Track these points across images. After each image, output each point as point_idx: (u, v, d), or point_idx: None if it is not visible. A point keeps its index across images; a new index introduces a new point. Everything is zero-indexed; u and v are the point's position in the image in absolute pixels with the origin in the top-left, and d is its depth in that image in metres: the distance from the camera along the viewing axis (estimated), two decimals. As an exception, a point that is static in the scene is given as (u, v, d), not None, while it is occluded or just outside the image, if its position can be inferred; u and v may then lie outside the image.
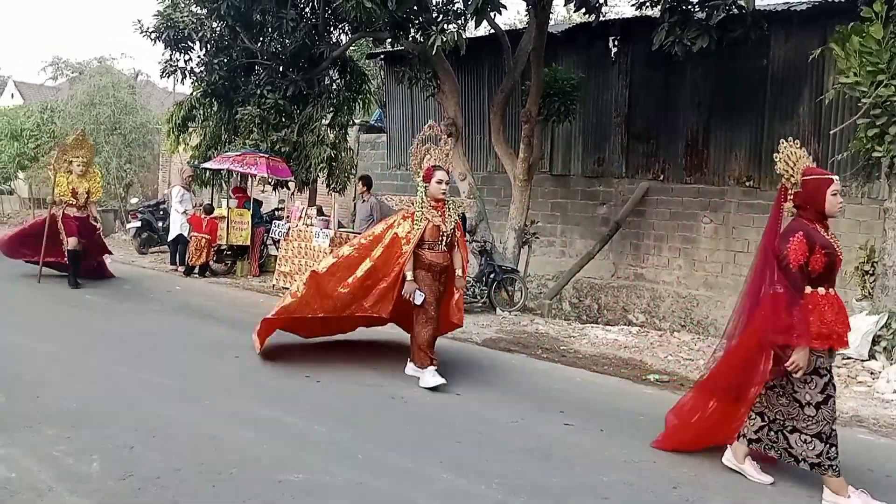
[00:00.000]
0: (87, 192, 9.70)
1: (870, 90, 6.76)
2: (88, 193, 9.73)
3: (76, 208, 9.62)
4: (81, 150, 9.82)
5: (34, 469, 3.66)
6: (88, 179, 9.78)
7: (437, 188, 5.72)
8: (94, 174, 10.05)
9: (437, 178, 5.72)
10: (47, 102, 21.25)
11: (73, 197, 9.56)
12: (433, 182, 5.73)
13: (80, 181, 9.63)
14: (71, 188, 9.55)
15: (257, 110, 11.57)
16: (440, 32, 8.60)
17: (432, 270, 5.66)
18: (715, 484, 4.01)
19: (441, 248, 5.69)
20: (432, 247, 5.66)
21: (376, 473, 3.86)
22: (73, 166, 9.61)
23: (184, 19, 11.84)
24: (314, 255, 9.82)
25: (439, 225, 5.66)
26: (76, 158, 9.65)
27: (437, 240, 5.67)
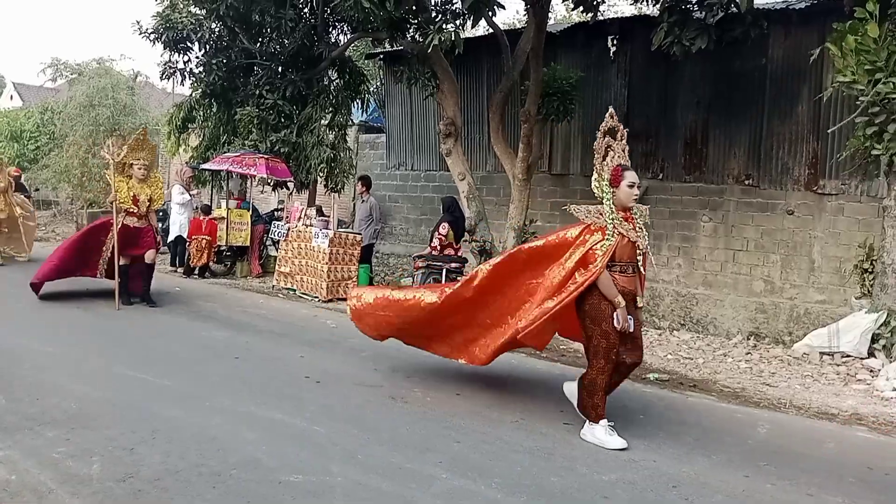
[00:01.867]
0: (148, 199, 8.69)
1: (867, 88, 6.77)
2: (150, 201, 8.74)
3: (136, 217, 8.63)
4: (143, 151, 8.79)
5: (34, 471, 3.66)
6: (150, 185, 8.78)
7: (627, 194, 4.62)
8: (156, 179, 9.03)
9: (629, 180, 4.63)
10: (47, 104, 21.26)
11: (135, 205, 8.56)
12: (623, 185, 4.62)
13: (141, 187, 8.62)
14: (132, 195, 8.54)
15: (256, 111, 11.57)
16: (438, 32, 8.60)
17: (626, 300, 4.58)
18: (714, 483, 4.02)
19: (632, 270, 4.70)
20: (624, 269, 4.64)
21: (377, 474, 3.87)
22: (134, 170, 8.59)
23: (182, 20, 11.84)
24: (314, 256, 9.83)
25: (635, 241, 4.66)
26: (137, 161, 8.62)
27: (631, 259, 4.68)
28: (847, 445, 4.90)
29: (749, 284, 10.13)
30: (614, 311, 4.50)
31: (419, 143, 14.15)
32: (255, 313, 8.69)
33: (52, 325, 7.39)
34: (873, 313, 7.18)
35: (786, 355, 7.48)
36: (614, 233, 4.55)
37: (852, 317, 7.43)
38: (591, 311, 4.59)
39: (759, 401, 5.90)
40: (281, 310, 9.10)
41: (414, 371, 6.19)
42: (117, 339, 6.89)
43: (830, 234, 9.43)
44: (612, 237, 4.54)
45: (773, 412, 5.64)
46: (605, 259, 4.51)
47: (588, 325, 4.62)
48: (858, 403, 5.91)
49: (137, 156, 8.66)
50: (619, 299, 4.50)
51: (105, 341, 6.77)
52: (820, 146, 9.49)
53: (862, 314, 7.32)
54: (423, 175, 14.11)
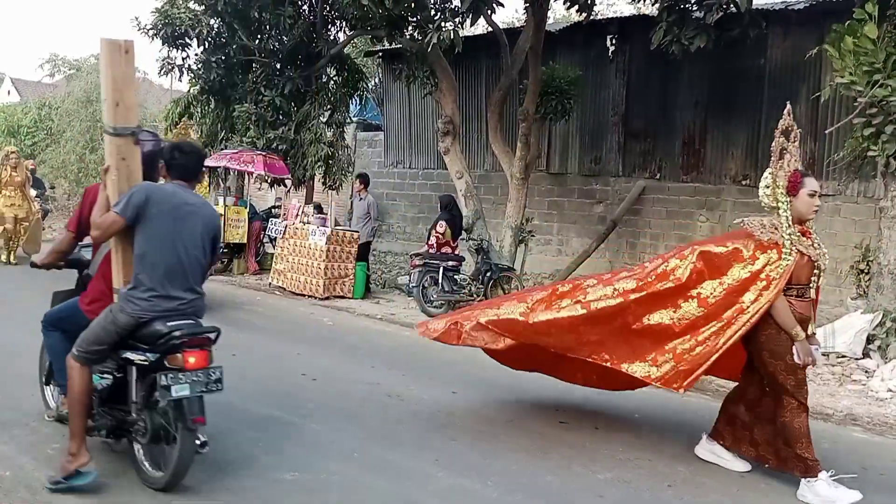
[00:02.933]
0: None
1: (865, 90, 6.78)
2: None
3: None
4: None
5: (29, 467, 3.66)
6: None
7: (808, 204, 3.91)
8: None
9: (809, 187, 3.90)
10: (44, 99, 21.23)
11: None
12: (803, 194, 3.90)
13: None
14: None
15: (254, 108, 11.55)
16: (437, 30, 8.59)
17: (802, 328, 3.90)
18: (709, 482, 4.03)
19: (809, 294, 4.01)
20: (801, 293, 3.95)
21: (373, 472, 3.87)
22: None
23: (181, 16, 11.81)
24: (310, 254, 9.82)
25: (816, 259, 3.96)
26: None
27: (808, 281, 3.98)
28: (842, 445, 4.92)
29: (746, 284, 10.14)
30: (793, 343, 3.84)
31: (417, 142, 14.15)
32: (251, 310, 8.69)
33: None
34: (869, 314, 7.20)
35: (782, 355, 7.48)
36: (792, 251, 3.84)
37: (848, 317, 7.44)
38: (768, 343, 3.90)
39: (754, 401, 5.91)
40: (278, 307, 9.10)
41: (410, 369, 6.19)
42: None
43: (827, 234, 9.43)
44: (789, 256, 3.83)
45: (769, 412, 5.64)
46: (783, 282, 3.83)
47: (767, 359, 3.92)
48: (853, 404, 5.92)
49: None
50: (798, 330, 3.82)
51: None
52: (817, 147, 9.51)
53: (857, 315, 7.34)
54: (420, 173, 14.10)
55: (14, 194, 11.01)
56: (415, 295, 9.14)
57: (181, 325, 3.42)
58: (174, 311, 3.45)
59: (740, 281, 3.92)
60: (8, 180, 10.91)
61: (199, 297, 3.61)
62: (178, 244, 3.47)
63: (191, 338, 3.42)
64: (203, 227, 3.60)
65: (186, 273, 3.52)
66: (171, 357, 3.38)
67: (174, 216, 3.48)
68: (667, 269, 4.16)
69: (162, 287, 3.43)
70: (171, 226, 3.46)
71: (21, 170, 11.20)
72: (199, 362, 3.42)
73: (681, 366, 4.04)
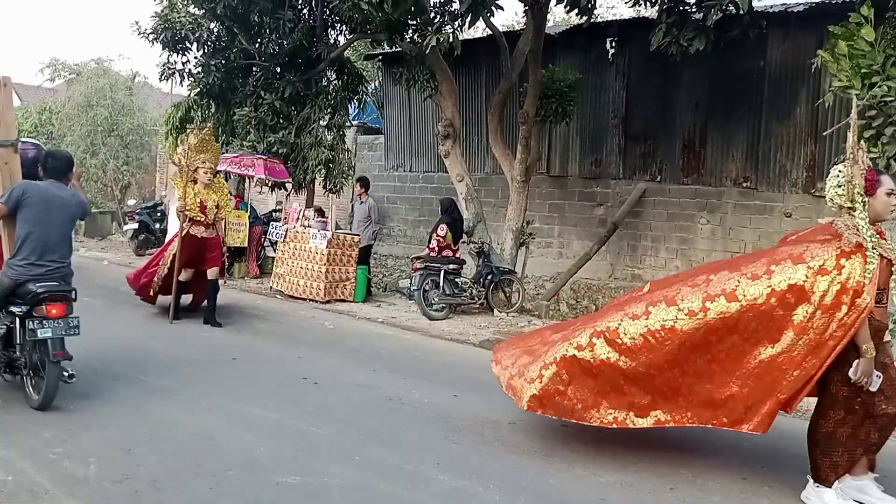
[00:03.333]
0: (216, 205, 7.77)
1: (863, 92, 6.78)
2: (218, 208, 7.82)
3: (203, 226, 7.71)
4: (206, 152, 7.84)
5: (31, 472, 3.65)
6: (216, 190, 7.86)
7: (885, 204, 3.66)
8: (221, 183, 8.17)
9: (886, 186, 3.65)
10: (45, 104, 21.23)
11: (202, 213, 7.65)
12: (881, 193, 3.65)
13: (207, 192, 7.72)
14: (199, 201, 7.63)
15: (254, 111, 11.56)
16: (436, 33, 8.61)
17: (878, 337, 3.64)
18: (711, 485, 4.02)
19: (886, 298, 3.72)
20: (880, 298, 3.65)
21: (375, 475, 3.86)
22: (199, 174, 7.71)
23: (181, 20, 11.83)
24: (311, 257, 9.82)
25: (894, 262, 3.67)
26: (202, 165, 7.73)
27: (885, 285, 3.67)
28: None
29: (747, 286, 10.14)
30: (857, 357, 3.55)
31: (418, 145, 14.16)
32: (252, 314, 8.68)
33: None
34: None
35: (783, 357, 7.47)
36: (875, 253, 3.55)
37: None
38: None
39: (756, 403, 5.90)
40: (278, 311, 9.09)
41: (411, 372, 6.18)
42: (114, 339, 6.87)
43: (828, 236, 9.43)
44: (874, 259, 3.53)
45: (771, 414, 5.63)
46: (874, 289, 3.53)
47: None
48: (855, 406, 5.91)
49: (202, 158, 7.77)
50: (869, 347, 3.53)
51: (102, 342, 6.75)
52: (818, 149, 9.52)
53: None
54: (421, 176, 14.11)
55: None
56: (416, 298, 9.14)
57: (47, 285, 4.54)
58: (43, 275, 4.59)
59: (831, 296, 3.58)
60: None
61: (64, 266, 4.73)
62: (48, 226, 4.62)
63: (53, 294, 4.53)
64: (69, 213, 4.79)
65: (54, 247, 4.67)
66: (37, 308, 4.51)
67: (46, 206, 4.64)
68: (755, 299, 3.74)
69: (35, 257, 4.58)
70: (43, 212, 4.61)
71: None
72: (59, 312, 4.53)
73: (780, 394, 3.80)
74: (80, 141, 17.68)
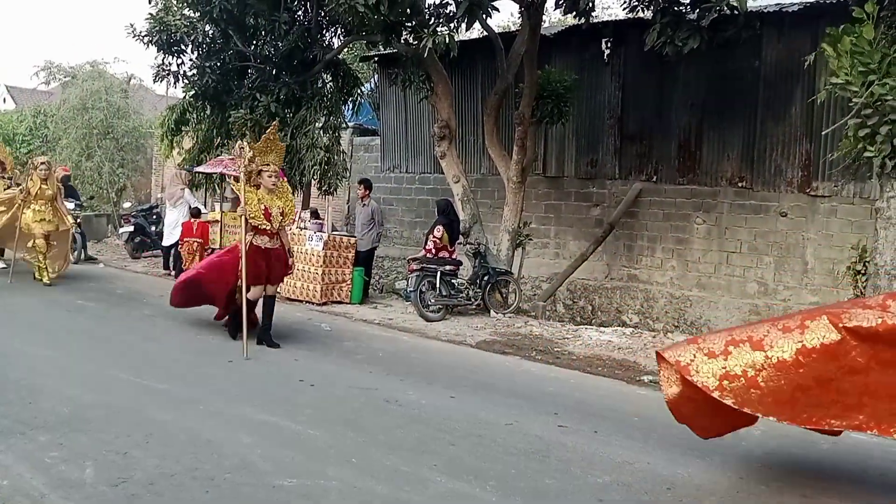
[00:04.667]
0: (281, 213, 6.90)
1: (861, 90, 6.80)
2: (283, 215, 6.94)
3: (268, 236, 6.85)
4: (271, 154, 6.92)
5: (27, 476, 3.64)
6: (280, 195, 6.98)
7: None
8: (286, 188, 7.21)
9: None
10: (40, 107, 21.19)
11: (266, 221, 6.77)
12: None
13: (271, 198, 6.86)
14: (262, 208, 6.76)
15: (250, 114, 11.53)
16: (432, 35, 8.61)
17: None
18: (708, 485, 4.02)
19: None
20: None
21: (372, 477, 3.86)
22: (263, 177, 6.84)
23: (176, 23, 11.81)
24: (307, 259, 9.81)
25: None
26: (266, 167, 6.84)
27: None
28: (841, 447, 4.91)
29: (742, 286, 10.17)
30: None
31: (413, 146, 14.15)
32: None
33: (48, 328, 7.36)
34: (866, 315, 7.20)
35: (780, 357, 7.49)
36: None
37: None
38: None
39: (753, 402, 5.91)
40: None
41: (408, 374, 6.18)
42: (111, 342, 6.86)
43: (823, 235, 9.47)
44: None
45: (768, 413, 5.64)
46: None
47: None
48: (852, 404, 5.92)
49: (266, 160, 6.87)
50: None
51: (99, 345, 6.74)
52: (813, 148, 9.54)
53: (855, 315, 7.33)
54: (417, 178, 14.10)
55: (45, 208, 9.84)
56: (412, 300, 9.14)
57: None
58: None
59: None
60: (38, 193, 9.79)
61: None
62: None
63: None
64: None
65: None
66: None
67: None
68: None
69: None
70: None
71: (52, 182, 10.02)
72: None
73: None
74: (76, 144, 17.63)
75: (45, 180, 9.86)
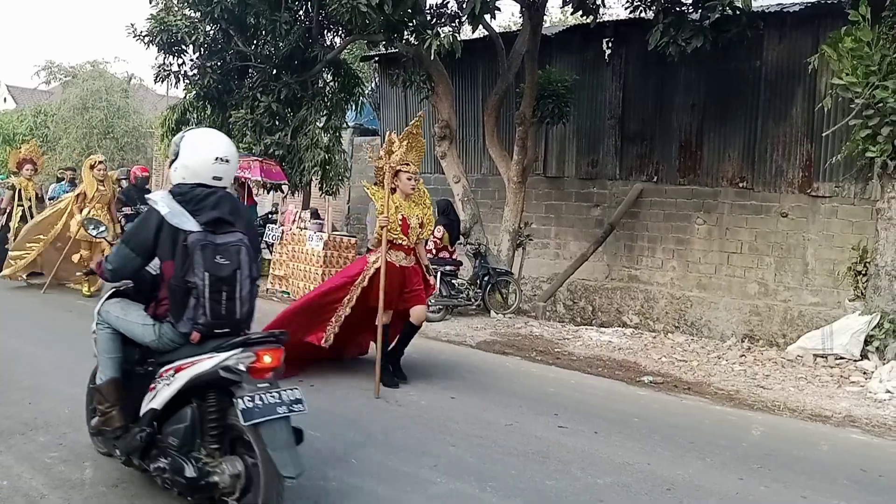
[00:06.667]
0: (419, 224, 5.74)
1: (863, 91, 6.80)
2: (422, 226, 5.78)
3: (404, 252, 5.68)
4: (412, 152, 5.76)
5: (26, 476, 3.64)
6: (418, 202, 5.84)
7: None
8: (424, 194, 5.96)
9: None
10: (40, 106, 21.23)
11: (404, 234, 5.61)
12: None
13: (409, 206, 5.73)
14: (400, 217, 5.62)
15: (251, 113, 11.55)
16: (435, 36, 8.61)
17: None
18: (708, 485, 4.02)
19: None
20: None
21: (372, 477, 3.86)
22: (401, 180, 5.67)
23: (177, 23, 11.81)
24: (308, 259, 9.81)
25: None
26: (405, 167, 5.68)
27: None
28: (841, 447, 4.91)
29: (743, 287, 10.16)
30: None
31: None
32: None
33: (50, 329, 7.36)
34: (866, 315, 7.21)
35: (779, 357, 7.50)
36: None
37: (846, 319, 7.45)
38: None
39: (752, 403, 5.91)
40: (274, 313, 9.05)
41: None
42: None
43: (824, 236, 9.46)
44: None
45: (767, 414, 5.64)
46: None
47: None
48: (852, 405, 5.92)
49: (406, 158, 5.72)
50: None
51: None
52: (814, 149, 9.53)
53: (855, 316, 7.34)
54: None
55: (101, 213, 8.93)
56: (413, 300, 9.11)
57: None
58: None
59: None
60: (95, 196, 9.01)
61: None
62: None
63: None
64: None
65: None
66: None
67: None
68: None
69: None
70: None
71: (109, 184, 9.30)
72: None
73: None
74: (76, 143, 17.68)
75: (102, 182, 9.14)
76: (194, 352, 3.12)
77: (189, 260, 3.08)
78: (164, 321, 3.26)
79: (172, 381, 3.10)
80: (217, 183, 3.31)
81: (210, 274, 3.09)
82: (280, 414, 2.94)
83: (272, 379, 3.10)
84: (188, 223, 3.14)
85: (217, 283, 3.11)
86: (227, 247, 3.16)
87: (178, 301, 3.15)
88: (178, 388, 3.07)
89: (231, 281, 3.15)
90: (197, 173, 3.28)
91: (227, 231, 3.21)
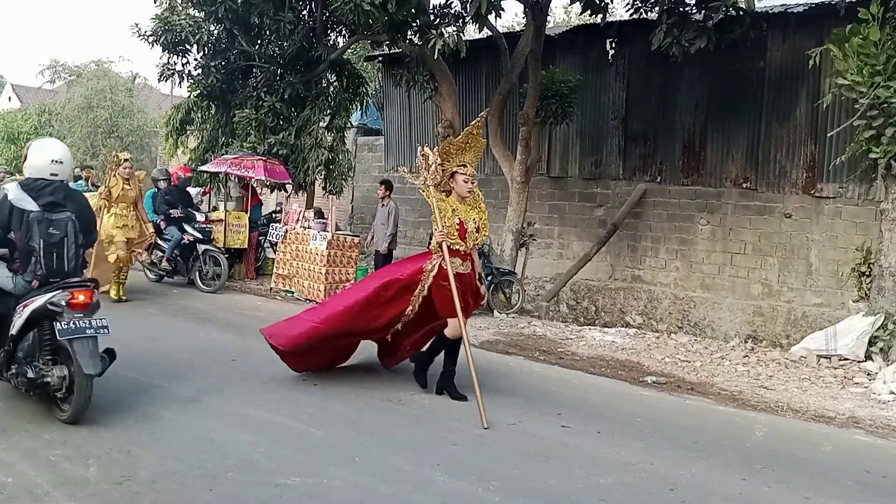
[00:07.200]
0: (476, 228, 5.43)
1: (868, 91, 6.79)
2: (478, 231, 5.46)
3: (461, 259, 5.35)
4: (469, 152, 5.48)
5: (31, 473, 3.65)
6: (473, 205, 5.50)
7: None
8: (479, 196, 5.60)
9: None
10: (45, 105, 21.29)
11: (461, 239, 5.31)
12: None
13: (465, 209, 5.41)
14: (457, 221, 5.31)
15: (255, 113, 11.57)
16: (439, 36, 8.61)
17: None
18: (711, 485, 4.02)
19: None
20: None
21: (375, 476, 3.86)
22: (458, 181, 5.38)
23: (181, 23, 11.84)
24: (311, 258, 9.82)
25: None
26: (463, 169, 5.39)
27: None
28: (844, 448, 4.91)
29: (747, 287, 10.14)
30: None
31: (418, 146, 14.15)
32: (252, 315, 8.67)
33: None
34: (870, 316, 7.19)
35: (783, 358, 7.49)
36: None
37: (849, 320, 7.44)
38: None
39: (756, 404, 5.91)
40: (279, 312, 9.07)
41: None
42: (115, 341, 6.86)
43: (828, 237, 9.44)
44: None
45: (771, 415, 5.64)
46: None
47: None
48: (855, 406, 5.91)
49: (464, 159, 5.44)
50: None
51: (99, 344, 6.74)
52: (817, 149, 9.51)
53: (859, 317, 7.33)
54: (421, 177, 14.09)
55: (127, 212, 8.80)
56: (416, 299, 9.12)
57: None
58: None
59: None
60: (120, 195, 8.77)
61: None
62: None
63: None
64: None
65: None
66: None
67: None
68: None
69: None
70: None
71: (135, 182, 9.04)
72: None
73: None
74: (81, 142, 17.73)
75: (127, 180, 8.85)
76: (35, 294, 4.39)
77: (30, 231, 4.38)
78: (18, 274, 4.50)
79: (21, 313, 4.37)
80: (55, 178, 4.54)
81: (44, 241, 4.41)
82: (87, 334, 4.31)
83: (88, 312, 4.41)
84: (30, 205, 4.41)
85: (49, 247, 4.43)
86: (59, 222, 4.46)
87: (24, 260, 4.47)
88: (25, 318, 4.35)
89: (60, 245, 4.47)
90: (39, 170, 4.53)
91: (59, 210, 4.48)
